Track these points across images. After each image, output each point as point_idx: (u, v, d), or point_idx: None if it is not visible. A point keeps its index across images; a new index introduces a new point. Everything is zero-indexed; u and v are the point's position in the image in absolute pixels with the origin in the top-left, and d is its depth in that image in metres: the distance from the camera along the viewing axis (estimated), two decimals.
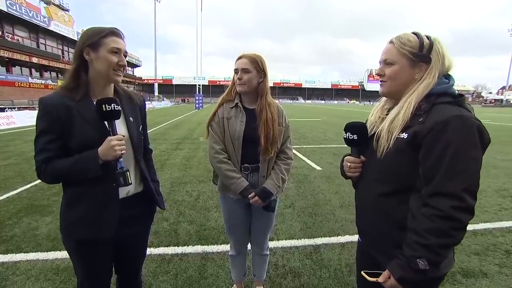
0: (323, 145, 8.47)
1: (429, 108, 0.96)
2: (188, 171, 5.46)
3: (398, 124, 1.00)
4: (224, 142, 1.64)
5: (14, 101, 21.28)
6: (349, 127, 1.16)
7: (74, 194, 1.22)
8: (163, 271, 2.33)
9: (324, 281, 2.23)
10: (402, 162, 0.99)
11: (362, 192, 1.17)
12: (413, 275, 0.91)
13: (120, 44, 1.20)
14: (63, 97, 1.15)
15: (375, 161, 1.07)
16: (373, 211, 1.09)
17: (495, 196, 4.16)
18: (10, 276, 2.23)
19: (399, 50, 1.03)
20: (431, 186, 0.92)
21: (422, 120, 0.96)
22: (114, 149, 1.12)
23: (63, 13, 35.36)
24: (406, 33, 1.05)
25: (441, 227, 0.88)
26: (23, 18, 27.62)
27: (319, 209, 3.63)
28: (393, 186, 1.03)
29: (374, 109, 1.22)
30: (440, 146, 0.90)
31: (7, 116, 13.73)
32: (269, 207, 1.63)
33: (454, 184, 0.88)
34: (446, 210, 0.87)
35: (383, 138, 1.02)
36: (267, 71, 1.65)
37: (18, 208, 3.57)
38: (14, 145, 8.02)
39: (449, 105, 0.95)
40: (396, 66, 1.04)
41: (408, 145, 0.97)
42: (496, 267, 2.40)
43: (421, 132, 0.94)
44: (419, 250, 0.90)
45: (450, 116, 0.90)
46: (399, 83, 1.05)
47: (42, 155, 1.14)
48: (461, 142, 0.88)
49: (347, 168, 1.19)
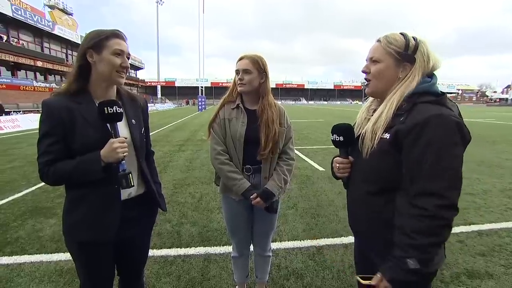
0: (325, 146, 8.43)
1: (410, 108, 0.97)
2: (191, 172, 5.47)
3: (381, 124, 1.01)
4: (225, 143, 1.64)
5: (19, 104, 21.54)
6: (335, 129, 1.18)
7: (77, 196, 1.22)
8: (166, 272, 2.33)
9: (327, 282, 2.22)
10: (386, 162, 1.00)
11: (352, 192, 1.19)
12: (404, 275, 0.91)
13: (122, 46, 1.20)
14: (65, 100, 1.16)
15: (361, 162, 1.09)
16: (362, 210, 1.11)
17: (501, 196, 4.11)
18: (14, 277, 2.25)
19: (385, 49, 1.04)
20: (414, 186, 0.93)
21: (403, 119, 0.96)
22: (116, 152, 1.12)
23: (67, 17, 35.78)
24: (394, 33, 1.06)
25: (427, 226, 0.89)
26: (28, 22, 28.01)
27: (322, 210, 3.61)
28: (379, 186, 1.04)
29: (361, 110, 1.23)
30: (421, 146, 0.90)
31: (12, 119, 13.90)
32: (271, 209, 1.63)
33: (437, 183, 0.88)
34: (431, 209, 0.88)
35: (367, 139, 1.04)
36: (268, 71, 1.65)
37: (22, 210, 3.61)
38: (19, 148, 8.11)
39: (430, 104, 0.95)
40: (382, 64, 1.05)
41: (391, 145, 0.97)
42: (502, 268, 2.37)
43: (401, 132, 0.95)
44: (408, 250, 0.91)
45: (430, 115, 0.90)
46: (383, 82, 1.06)
47: (45, 157, 1.14)
48: (441, 140, 0.89)
49: (336, 169, 1.21)
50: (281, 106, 1.72)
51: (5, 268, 2.38)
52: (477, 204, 3.79)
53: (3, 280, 2.21)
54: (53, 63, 31.41)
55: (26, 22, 27.75)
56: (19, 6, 26.55)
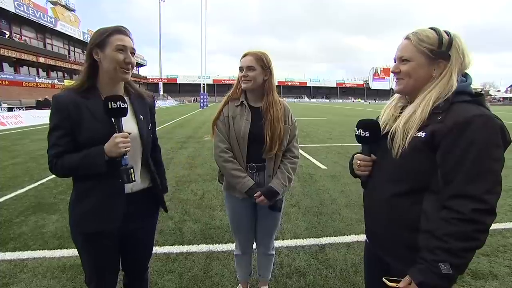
0: (328, 144, 8.41)
1: (447, 107, 0.93)
2: (193, 169, 5.47)
3: (414, 123, 0.96)
4: (229, 140, 1.62)
5: (22, 100, 21.60)
6: (361, 124, 1.12)
7: (83, 189, 1.26)
8: (168, 270, 2.33)
9: (329, 281, 2.21)
10: (418, 161, 0.96)
11: (373, 192, 1.14)
12: (436, 280, 0.87)
13: (125, 42, 1.21)
14: (74, 95, 1.19)
15: (388, 161, 1.04)
16: (385, 212, 1.06)
17: (505, 196, 4.07)
18: (18, 273, 2.26)
19: (416, 47, 0.99)
20: (451, 188, 0.88)
21: (441, 119, 0.92)
22: (118, 146, 1.14)
23: (69, 13, 35.71)
24: (424, 29, 1.01)
25: (463, 230, 0.85)
26: (31, 18, 27.97)
27: (324, 209, 3.60)
28: (406, 187, 0.99)
29: (386, 107, 1.18)
30: (461, 146, 0.86)
31: (15, 115, 13.94)
32: (275, 207, 1.62)
33: (477, 186, 0.85)
34: (468, 212, 0.84)
35: (398, 137, 0.99)
36: (272, 68, 1.63)
37: (25, 206, 3.62)
38: (22, 144, 8.11)
39: (468, 104, 0.92)
40: (413, 63, 1.00)
41: (425, 144, 0.93)
42: (506, 269, 2.35)
43: (440, 132, 0.90)
44: (440, 254, 0.87)
45: (473, 115, 0.87)
46: (416, 81, 1.01)
47: (54, 150, 1.19)
48: (484, 142, 0.85)
49: (356, 166, 1.17)
50: (285, 103, 1.70)
51: (8, 264, 2.39)
52: None
53: (7, 276, 2.22)
54: (56, 59, 31.41)
55: (29, 18, 27.72)
56: (21, 2, 26.50)
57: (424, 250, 0.92)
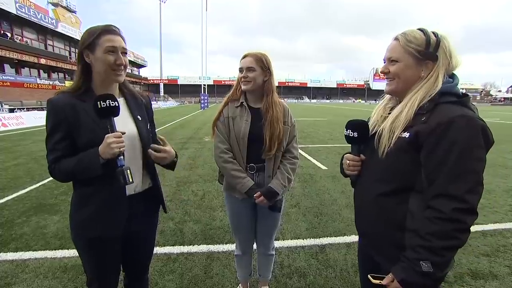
0: (328, 145, 8.42)
1: (432, 108, 0.94)
2: (194, 170, 5.48)
3: (400, 123, 0.98)
4: (229, 141, 1.63)
5: (23, 101, 21.65)
6: (350, 124, 1.15)
7: (84, 194, 1.23)
8: (169, 270, 2.34)
9: (330, 281, 2.21)
10: (403, 161, 0.98)
11: (362, 192, 1.16)
12: (417, 277, 0.89)
13: (115, 42, 1.16)
14: (70, 97, 1.17)
15: (375, 160, 1.06)
16: (372, 210, 1.08)
17: (505, 196, 4.08)
18: (19, 273, 2.27)
19: (404, 48, 1.00)
20: (433, 188, 0.90)
21: (425, 119, 0.93)
22: (111, 147, 1.09)
23: (70, 14, 35.81)
24: (412, 30, 1.02)
25: (443, 229, 0.87)
26: (32, 20, 28.03)
27: (324, 209, 3.60)
28: (393, 186, 1.01)
29: (377, 107, 1.20)
30: (443, 147, 0.88)
31: (16, 116, 13.98)
32: (275, 207, 1.63)
33: (458, 186, 0.86)
34: (448, 212, 0.86)
35: (384, 137, 1.01)
36: (272, 69, 1.64)
37: (27, 207, 3.63)
38: (23, 145, 8.14)
39: (453, 105, 0.93)
40: (401, 64, 1.02)
41: (410, 144, 0.95)
42: (506, 269, 2.35)
43: (423, 132, 0.92)
44: (422, 252, 0.89)
45: (455, 116, 0.88)
46: (405, 82, 1.03)
47: (52, 154, 1.17)
48: (465, 142, 0.86)
49: (346, 165, 1.19)
50: (285, 104, 1.71)
51: (10, 264, 2.40)
52: (481, 204, 3.75)
53: (9, 276, 2.24)
54: (57, 61, 31.48)
55: (30, 20, 27.78)
56: (23, 4, 26.58)
57: (408, 249, 0.93)
